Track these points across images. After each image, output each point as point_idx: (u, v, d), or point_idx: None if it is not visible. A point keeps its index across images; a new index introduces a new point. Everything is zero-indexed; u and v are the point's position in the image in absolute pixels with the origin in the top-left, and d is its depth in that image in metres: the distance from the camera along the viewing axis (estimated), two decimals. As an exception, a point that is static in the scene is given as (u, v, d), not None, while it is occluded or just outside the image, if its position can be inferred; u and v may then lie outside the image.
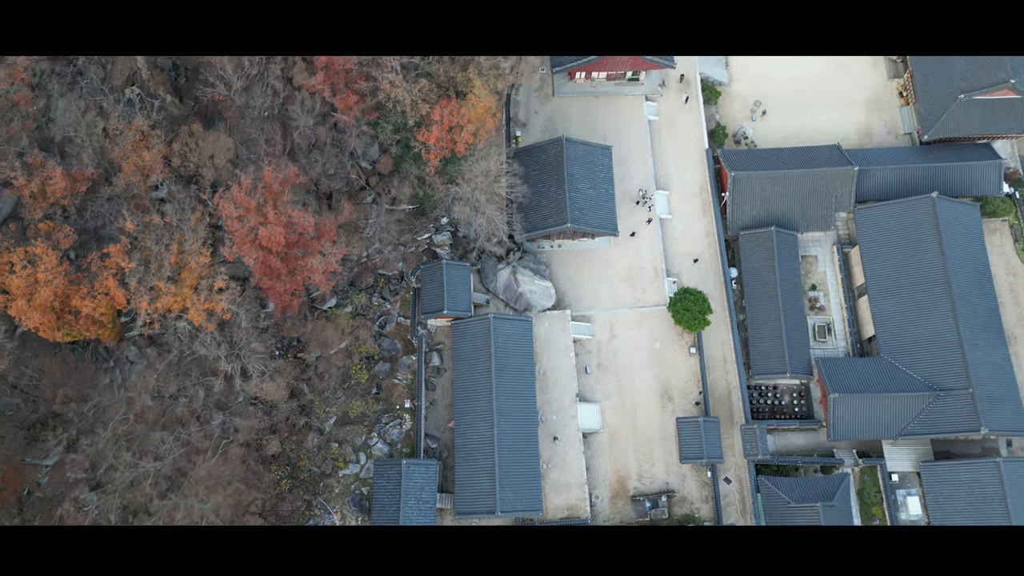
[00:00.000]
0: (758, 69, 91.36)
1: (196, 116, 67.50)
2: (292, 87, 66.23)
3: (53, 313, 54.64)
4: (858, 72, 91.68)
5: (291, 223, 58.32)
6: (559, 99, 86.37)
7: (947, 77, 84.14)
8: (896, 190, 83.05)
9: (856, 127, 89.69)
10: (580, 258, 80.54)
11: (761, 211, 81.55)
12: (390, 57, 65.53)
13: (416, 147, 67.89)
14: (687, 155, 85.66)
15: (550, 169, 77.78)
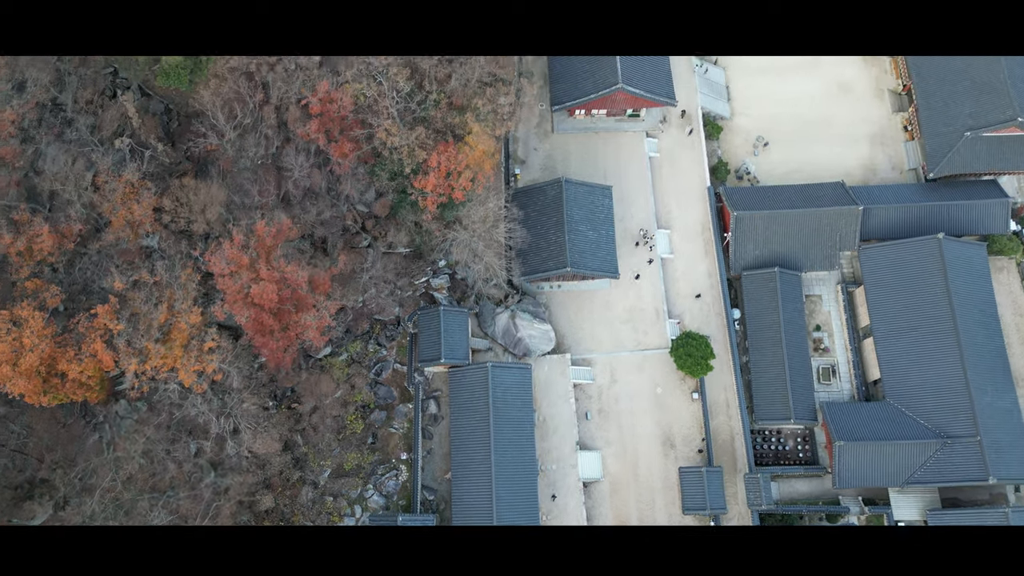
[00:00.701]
0: (761, 102, 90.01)
1: (188, 163, 66.13)
2: (286, 135, 64.90)
3: (39, 377, 53.28)
4: (862, 106, 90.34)
5: (284, 279, 56.96)
6: (559, 136, 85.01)
7: (953, 114, 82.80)
8: (901, 228, 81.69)
9: (860, 162, 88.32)
10: (580, 299, 79.12)
11: (764, 250, 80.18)
12: (387, 103, 64.17)
13: (413, 194, 66.55)
14: (689, 192, 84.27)
15: (549, 210, 76.39)
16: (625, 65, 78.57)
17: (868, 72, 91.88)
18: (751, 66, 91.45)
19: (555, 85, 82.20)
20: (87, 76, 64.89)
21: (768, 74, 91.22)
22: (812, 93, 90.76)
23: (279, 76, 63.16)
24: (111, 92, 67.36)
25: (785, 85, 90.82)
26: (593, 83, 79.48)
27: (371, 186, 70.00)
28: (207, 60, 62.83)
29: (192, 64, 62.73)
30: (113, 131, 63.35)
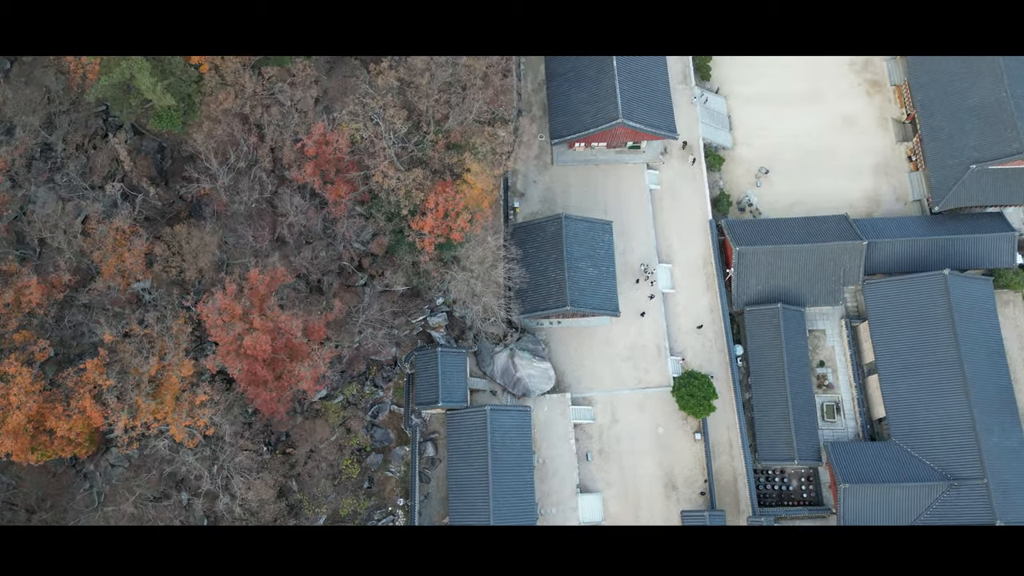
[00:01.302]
0: (763, 132, 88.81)
1: (182, 203, 64.98)
2: (281, 178, 63.76)
3: (27, 435, 52.10)
4: (866, 135, 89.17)
5: (278, 328, 55.80)
6: (558, 168, 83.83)
7: (958, 146, 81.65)
8: (906, 262, 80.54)
9: (864, 193, 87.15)
10: (580, 335, 77.89)
11: (767, 285, 79.00)
12: (384, 144, 63.05)
13: (410, 235, 65.39)
14: (690, 225, 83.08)
15: (549, 247, 75.23)
16: (625, 99, 77.48)
17: (871, 101, 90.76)
18: (753, 95, 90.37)
19: (554, 118, 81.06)
20: (78, 119, 63.81)
21: (770, 103, 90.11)
22: (815, 122, 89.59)
23: (274, 118, 62.05)
24: (103, 132, 66.28)
25: (788, 114, 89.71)
26: (593, 117, 78.35)
27: (368, 223, 68.89)
28: (200, 101, 61.76)
29: (185, 106, 61.68)
30: (105, 174, 62.24)
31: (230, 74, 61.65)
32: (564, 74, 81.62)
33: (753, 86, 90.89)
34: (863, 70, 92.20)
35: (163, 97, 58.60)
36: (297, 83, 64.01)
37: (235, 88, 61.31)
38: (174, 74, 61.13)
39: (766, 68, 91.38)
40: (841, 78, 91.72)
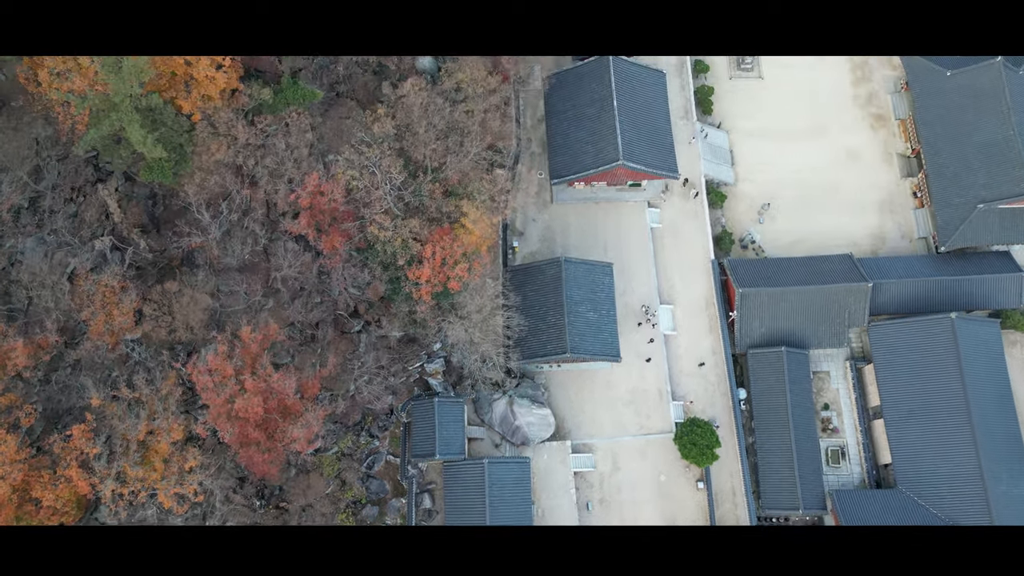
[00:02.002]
0: (766, 168, 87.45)
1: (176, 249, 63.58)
2: (274, 230, 62.42)
3: (11, 505, 50.71)
4: (870, 171, 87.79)
5: (270, 389, 54.40)
6: (558, 206, 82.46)
7: (965, 184, 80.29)
8: (912, 303, 79.22)
9: (869, 230, 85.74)
10: (580, 379, 76.47)
11: (770, 327, 77.62)
12: (380, 194, 61.72)
13: (407, 287, 64.02)
14: (692, 265, 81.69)
15: (548, 291, 73.82)
16: (626, 139, 76.16)
17: (876, 136, 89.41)
18: (756, 129, 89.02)
19: (554, 157, 79.74)
20: (68, 168, 62.49)
21: (773, 138, 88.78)
22: (819, 157, 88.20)
23: (267, 168, 60.69)
24: (93, 179, 64.96)
25: (791, 149, 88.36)
26: (593, 157, 77.04)
27: (364, 270, 67.50)
28: (192, 151, 60.44)
29: (177, 156, 60.35)
30: (95, 225, 60.85)
31: (222, 124, 60.34)
32: (563, 112, 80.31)
33: (756, 120, 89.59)
34: (867, 104, 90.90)
35: (154, 149, 57.31)
36: (291, 130, 62.67)
37: (227, 139, 59.98)
38: (165, 124, 59.84)
39: (769, 101, 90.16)
40: (845, 112, 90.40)
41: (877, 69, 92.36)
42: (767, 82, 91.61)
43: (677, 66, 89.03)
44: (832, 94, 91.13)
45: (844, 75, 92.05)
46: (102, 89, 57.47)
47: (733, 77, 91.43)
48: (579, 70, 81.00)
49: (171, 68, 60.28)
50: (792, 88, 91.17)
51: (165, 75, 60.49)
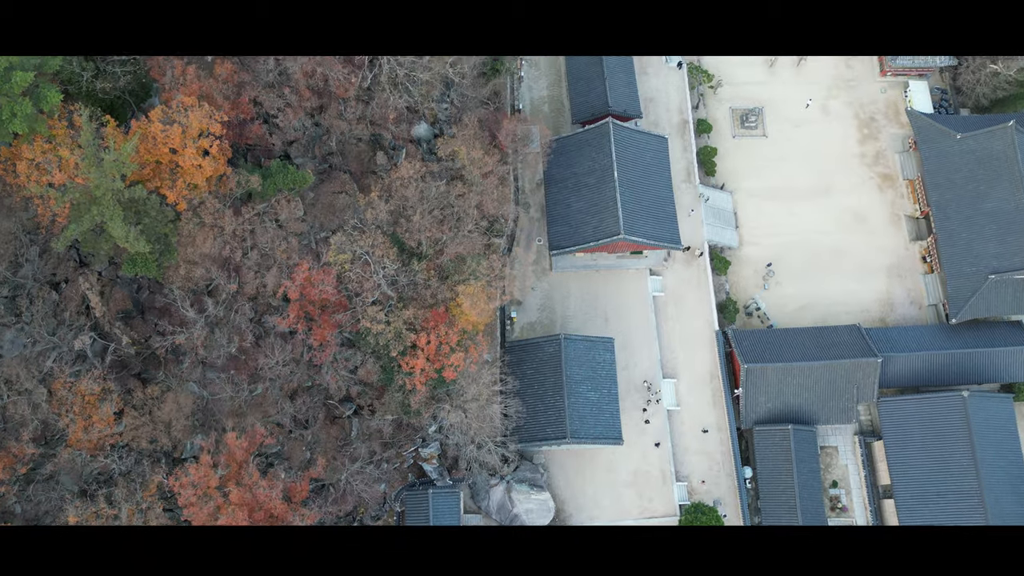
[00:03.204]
0: (770, 231, 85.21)
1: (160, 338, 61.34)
2: (261, 326, 60.19)
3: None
4: (878, 234, 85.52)
5: (256, 500, 52.05)
6: (557, 274, 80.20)
7: (977, 253, 77.94)
8: (923, 376, 76.93)
9: (877, 296, 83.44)
10: (581, 459, 74.07)
11: (776, 403, 75.26)
12: (373, 283, 59.46)
13: (399, 378, 61.77)
14: (696, 335, 79.39)
15: (547, 369, 71.51)
16: (627, 210, 73.88)
17: (883, 196, 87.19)
18: (760, 189, 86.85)
19: (553, 227, 77.47)
20: (48, 257, 60.28)
21: (778, 198, 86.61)
22: (825, 219, 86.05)
23: (253, 261, 58.48)
24: (77, 263, 62.75)
25: (796, 209, 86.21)
26: (594, 229, 74.81)
27: (355, 353, 65.27)
28: (177, 242, 58.26)
29: (162, 247, 58.13)
30: (75, 317, 58.56)
31: (209, 214, 58.14)
32: (563, 180, 78.09)
33: (760, 180, 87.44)
34: (874, 163, 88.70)
35: (137, 243, 55.06)
36: (281, 217, 60.49)
37: (214, 230, 57.81)
38: (149, 215, 57.63)
39: (773, 160, 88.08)
40: (851, 171, 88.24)
41: (884, 127, 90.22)
42: (771, 140, 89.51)
43: (679, 126, 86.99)
44: (838, 152, 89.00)
45: (850, 132, 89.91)
46: (83, 182, 55.28)
47: (737, 136, 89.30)
48: (579, 137, 78.81)
49: (156, 156, 58.17)
50: (797, 146, 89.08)
51: (150, 164, 58.36)
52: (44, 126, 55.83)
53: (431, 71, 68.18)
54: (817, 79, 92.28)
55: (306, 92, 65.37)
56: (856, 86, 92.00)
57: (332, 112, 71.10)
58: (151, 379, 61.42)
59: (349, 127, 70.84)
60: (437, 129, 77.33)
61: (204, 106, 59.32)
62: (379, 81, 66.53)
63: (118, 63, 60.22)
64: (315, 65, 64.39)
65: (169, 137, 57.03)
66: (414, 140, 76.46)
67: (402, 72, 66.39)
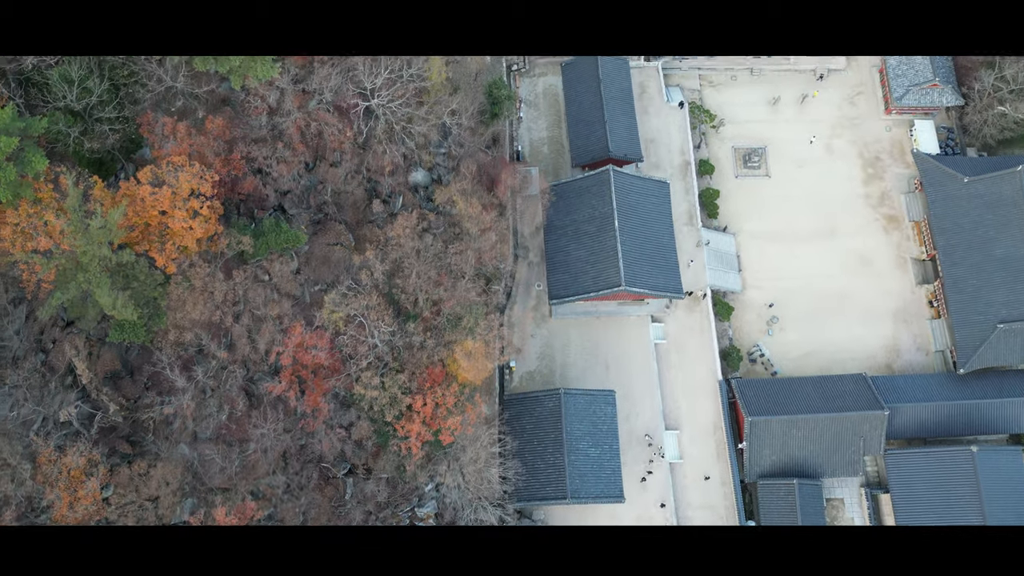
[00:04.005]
0: (774, 274, 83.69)
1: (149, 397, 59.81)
2: (252, 393, 58.60)
3: None
4: (884, 277, 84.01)
5: None
6: (557, 321, 78.60)
7: (985, 301, 76.42)
8: (930, 427, 75.37)
9: (883, 342, 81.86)
10: (582, 514, 72.24)
11: (781, 456, 73.66)
12: (369, 345, 57.88)
13: (394, 444, 60.19)
14: (698, 385, 77.78)
15: (546, 425, 69.85)
16: (628, 260, 72.33)
17: (889, 239, 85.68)
18: (763, 232, 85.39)
19: (552, 275, 75.91)
20: (31, 329, 58.76)
21: (782, 241, 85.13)
22: (829, 261, 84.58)
23: (245, 327, 56.96)
24: (63, 324, 61.24)
25: (800, 252, 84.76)
26: (594, 279, 73.26)
27: (349, 409, 63.68)
28: (166, 306, 56.76)
29: (150, 311, 56.59)
30: (62, 380, 57.04)
31: (199, 278, 56.62)
32: (562, 227, 76.56)
33: (763, 221, 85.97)
34: (880, 204, 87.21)
35: (124, 310, 53.56)
36: (273, 278, 58.99)
37: (204, 295, 56.28)
38: (137, 279, 56.14)
39: (777, 201, 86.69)
40: (856, 212, 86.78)
41: (890, 166, 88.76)
42: (775, 180, 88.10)
43: (681, 167, 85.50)
44: (842, 193, 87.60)
45: (855, 172, 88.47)
46: (69, 248, 53.77)
47: (739, 176, 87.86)
48: (579, 183, 77.28)
49: (145, 219, 56.69)
50: (801, 186, 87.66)
51: (138, 226, 56.85)
52: (30, 190, 54.32)
53: (428, 122, 66.70)
54: (821, 117, 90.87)
55: (300, 146, 63.86)
56: (860, 124, 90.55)
57: (327, 162, 69.68)
58: (139, 442, 59.84)
59: (344, 178, 69.39)
60: (435, 175, 75.82)
61: (195, 165, 57.94)
62: (375, 134, 65.01)
63: (106, 121, 58.71)
64: (309, 119, 62.90)
65: (158, 200, 55.56)
66: (411, 187, 75.00)
67: (399, 125, 64.88)
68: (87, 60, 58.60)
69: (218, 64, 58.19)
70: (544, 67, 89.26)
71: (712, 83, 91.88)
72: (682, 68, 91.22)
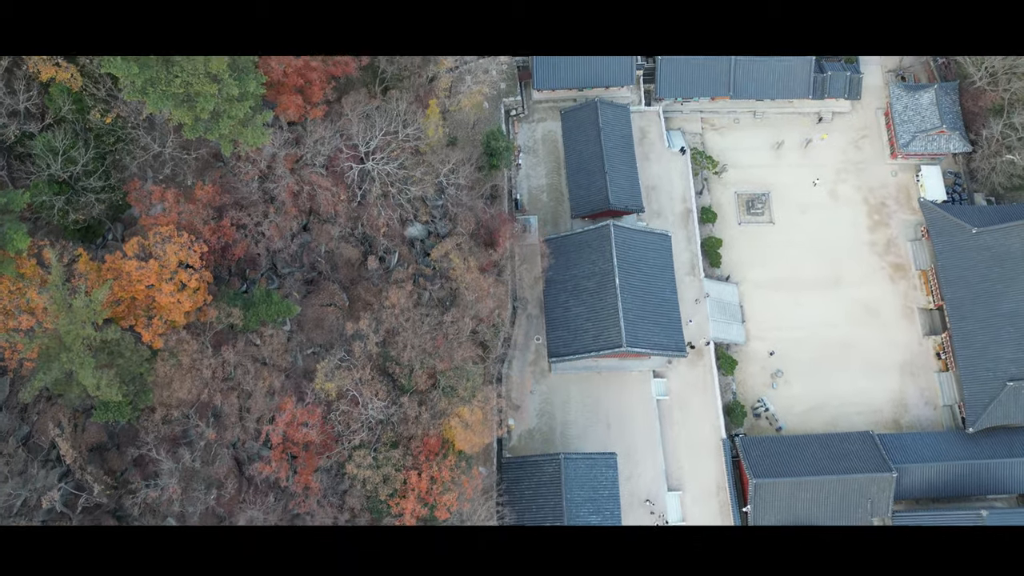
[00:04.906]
0: (778, 324, 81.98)
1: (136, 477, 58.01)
2: (241, 477, 56.78)
3: None
4: (890, 327, 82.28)
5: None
6: (557, 376, 76.87)
7: (994, 358, 74.64)
8: (938, 487, 73.63)
9: (890, 396, 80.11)
10: (582, 578, 70.59)
11: (786, 518, 71.87)
12: (359, 426, 56.12)
13: (389, 520, 58.35)
14: (701, 443, 75.98)
15: (546, 491, 68.10)
16: (629, 319, 70.68)
17: (895, 288, 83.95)
18: (767, 280, 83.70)
19: (552, 331, 74.21)
20: (14, 402, 56.98)
21: (786, 289, 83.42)
22: (834, 311, 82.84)
23: (232, 408, 55.18)
24: (48, 395, 59.45)
25: (805, 301, 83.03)
26: (594, 338, 71.56)
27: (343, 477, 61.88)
28: (152, 381, 54.98)
29: (136, 388, 54.80)
30: (44, 463, 55.22)
31: (187, 355, 54.83)
32: (562, 282, 74.87)
33: (767, 269, 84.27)
34: (885, 252, 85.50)
35: (109, 391, 51.78)
36: (263, 351, 57.23)
37: (192, 372, 54.51)
38: (123, 355, 54.35)
39: (780, 248, 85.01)
40: (862, 260, 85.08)
41: (895, 213, 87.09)
42: (778, 226, 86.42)
43: (683, 215, 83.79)
44: (847, 240, 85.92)
45: (860, 219, 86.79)
46: (52, 327, 52.00)
47: (742, 222, 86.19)
48: (579, 237, 75.59)
49: (131, 293, 54.93)
50: (805, 233, 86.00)
51: (125, 300, 55.08)
52: (11, 267, 52.60)
53: (424, 183, 65.02)
54: (825, 161, 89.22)
55: (293, 209, 62.16)
56: (865, 169, 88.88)
57: (320, 219, 67.95)
58: (125, 518, 58.02)
59: (338, 236, 67.68)
60: (432, 228, 74.14)
61: (183, 235, 56.23)
62: (369, 197, 63.31)
63: (92, 191, 56.99)
64: (301, 183, 61.22)
65: (145, 274, 53.81)
66: (408, 241, 73.27)
67: (394, 188, 63.19)
68: (72, 127, 56.95)
69: (208, 131, 56.47)
70: (543, 112, 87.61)
71: (714, 126, 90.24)
72: (683, 111, 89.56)
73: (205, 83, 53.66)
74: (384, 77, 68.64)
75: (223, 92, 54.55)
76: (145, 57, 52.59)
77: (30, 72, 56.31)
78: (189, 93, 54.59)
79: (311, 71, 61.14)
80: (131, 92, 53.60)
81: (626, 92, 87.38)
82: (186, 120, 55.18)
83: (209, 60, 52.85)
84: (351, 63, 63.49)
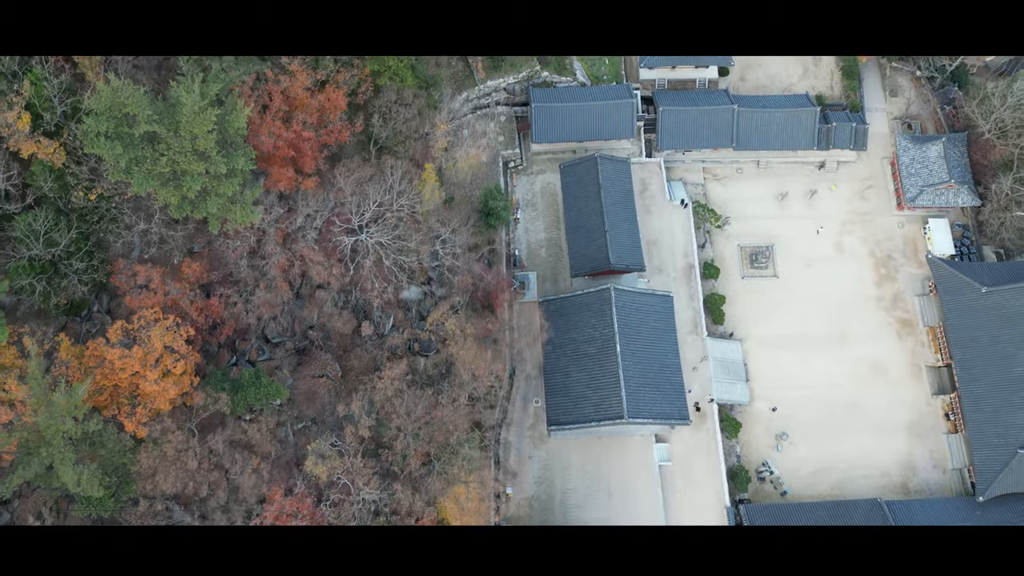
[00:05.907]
0: (783, 383, 79.98)
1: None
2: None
3: None
4: (897, 386, 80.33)
5: None
6: (556, 441, 74.88)
7: (1004, 423, 72.71)
8: (949, 557, 71.47)
9: (897, 458, 78.09)
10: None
11: (793, 590, 69.74)
12: (350, 515, 54.11)
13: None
14: (705, 511, 73.84)
15: None
16: (631, 388, 68.78)
17: (903, 345, 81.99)
18: (771, 338, 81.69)
19: (551, 398, 72.23)
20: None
21: (791, 347, 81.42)
22: (840, 370, 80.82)
23: (217, 503, 53.11)
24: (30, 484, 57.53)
25: (810, 359, 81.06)
26: (595, 408, 69.61)
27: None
28: (136, 472, 53.02)
29: (118, 479, 52.86)
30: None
31: (171, 446, 52.83)
32: (562, 346, 72.90)
33: (771, 325, 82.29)
34: (892, 307, 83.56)
35: (90, 486, 49.87)
36: (251, 437, 55.27)
37: (176, 464, 52.50)
38: (105, 446, 52.42)
39: (785, 303, 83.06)
40: (868, 316, 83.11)
41: (903, 266, 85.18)
42: (782, 280, 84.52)
43: (684, 270, 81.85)
44: (853, 295, 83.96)
45: (866, 273, 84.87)
46: (31, 421, 50.04)
47: (746, 276, 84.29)
48: (578, 300, 73.63)
49: (114, 381, 52.96)
50: (810, 287, 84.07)
51: (107, 389, 53.13)
52: (-10, 358, 50.69)
53: (419, 253, 63.12)
54: (830, 212, 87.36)
55: (283, 285, 60.22)
56: (871, 220, 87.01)
57: (312, 283, 66.09)
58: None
59: (331, 303, 65.78)
60: (428, 290, 72.30)
61: (168, 318, 54.30)
62: (362, 270, 61.39)
63: (75, 273, 55.03)
64: (293, 258, 59.28)
65: (128, 363, 51.86)
66: (403, 304, 71.39)
67: (389, 260, 61.28)
68: (54, 206, 55.05)
69: (195, 210, 54.61)
70: (543, 164, 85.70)
71: (717, 176, 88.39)
72: (685, 161, 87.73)
73: (192, 161, 51.93)
74: (378, 140, 66.77)
75: (211, 170, 52.77)
76: (130, 136, 50.87)
77: (10, 149, 54.41)
78: (175, 171, 52.84)
79: (303, 141, 59.33)
80: (115, 172, 51.87)
81: (626, 143, 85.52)
82: (172, 200, 53.38)
83: (196, 138, 51.08)
84: (345, 131, 61.64)
